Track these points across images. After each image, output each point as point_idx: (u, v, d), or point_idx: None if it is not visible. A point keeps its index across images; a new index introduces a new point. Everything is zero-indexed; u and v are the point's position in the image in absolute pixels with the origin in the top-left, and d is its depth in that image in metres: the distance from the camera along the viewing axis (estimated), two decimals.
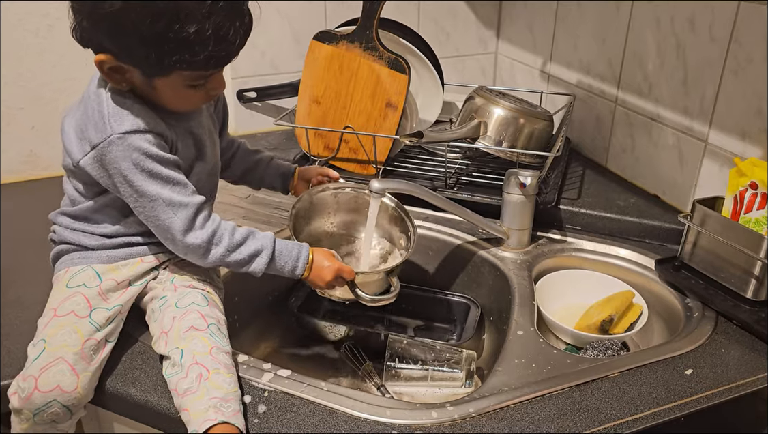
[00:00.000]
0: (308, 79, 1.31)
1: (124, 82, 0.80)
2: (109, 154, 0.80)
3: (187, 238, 0.83)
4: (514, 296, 1.04)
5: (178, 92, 0.81)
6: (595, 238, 1.18)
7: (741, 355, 0.89)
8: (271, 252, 0.87)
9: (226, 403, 0.74)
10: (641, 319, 1.03)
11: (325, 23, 1.51)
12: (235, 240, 0.85)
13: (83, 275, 0.87)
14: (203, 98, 0.85)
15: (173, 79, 0.79)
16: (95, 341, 0.81)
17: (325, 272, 0.90)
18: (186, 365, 0.77)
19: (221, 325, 0.85)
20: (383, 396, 0.98)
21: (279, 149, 1.44)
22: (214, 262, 0.85)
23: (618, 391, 0.83)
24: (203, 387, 0.75)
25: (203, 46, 0.75)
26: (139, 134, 0.80)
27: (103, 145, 0.80)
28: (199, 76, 0.80)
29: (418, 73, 1.36)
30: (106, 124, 0.80)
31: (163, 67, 0.77)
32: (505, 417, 0.79)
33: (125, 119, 0.80)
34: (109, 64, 0.78)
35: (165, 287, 0.89)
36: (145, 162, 0.80)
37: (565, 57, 1.48)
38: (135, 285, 0.89)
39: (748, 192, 0.97)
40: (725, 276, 0.99)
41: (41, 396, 0.75)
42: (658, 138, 1.24)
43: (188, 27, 0.73)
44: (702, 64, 1.11)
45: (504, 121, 1.23)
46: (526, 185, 1.09)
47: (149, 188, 0.81)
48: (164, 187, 0.82)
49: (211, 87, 0.83)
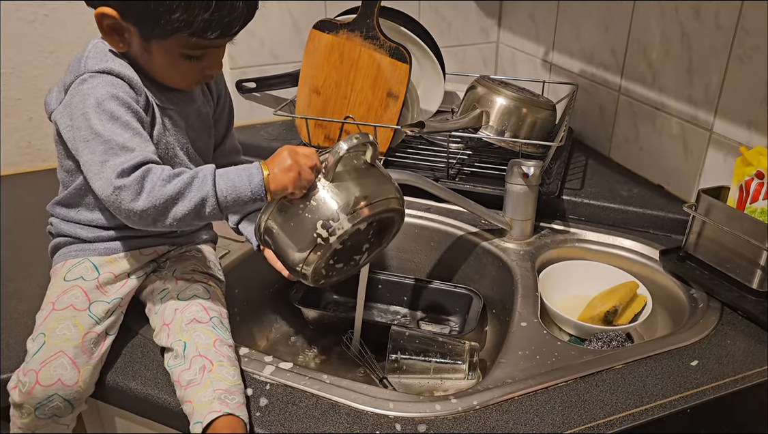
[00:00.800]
0: (308, 68, 1.30)
1: (122, 43, 0.79)
2: (77, 93, 0.77)
3: (120, 180, 0.72)
4: (517, 287, 1.03)
5: (173, 61, 0.79)
6: (598, 228, 1.17)
7: (747, 346, 0.89)
8: (212, 171, 0.75)
9: (230, 395, 0.74)
10: (645, 310, 1.02)
11: (325, 12, 1.49)
12: (171, 172, 0.74)
13: (81, 267, 0.86)
14: (197, 76, 0.82)
15: (170, 43, 0.77)
16: (95, 334, 0.81)
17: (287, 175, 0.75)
18: (189, 357, 0.77)
19: (223, 318, 0.84)
20: (385, 388, 0.97)
21: (279, 139, 1.43)
22: (150, 198, 0.72)
23: (623, 383, 0.82)
24: (207, 379, 0.74)
25: (204, 8, 0.73)
26: (112, 76, 0.78)
27: (74, 84, 0.78)
28: (196, 45, 0.77)
29: (419, 63, 1.34)
30: (81, 64, 0.78)
31: (161, 27, 0.75)
32: (510, 409, 0.78)
33: (102, 60, 0.78)
34: (110, 21, 0.76)
35: (166, 280, 0.88)
36: (109, 102, 0.76)
37: (567, 46, 1.46)
38: (134, 278, 0.88)
39: (754, 181, 0.96)
40: (730, 267, 0.98)
41: (42, 390, 0.75)
42: (663, 127, 1.22)
43: None
44: (707, 52, 1.10)
45: (506, 110, 1.21)
46: (528, 175, 1.08)
47: (103, 127, 0.74)
48: (124, 131, 0.75)
49: (207, 65, 0.81)
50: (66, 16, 1.30)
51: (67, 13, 1.30)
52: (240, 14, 0.76)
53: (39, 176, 1.36)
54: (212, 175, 0.75)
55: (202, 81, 0.85)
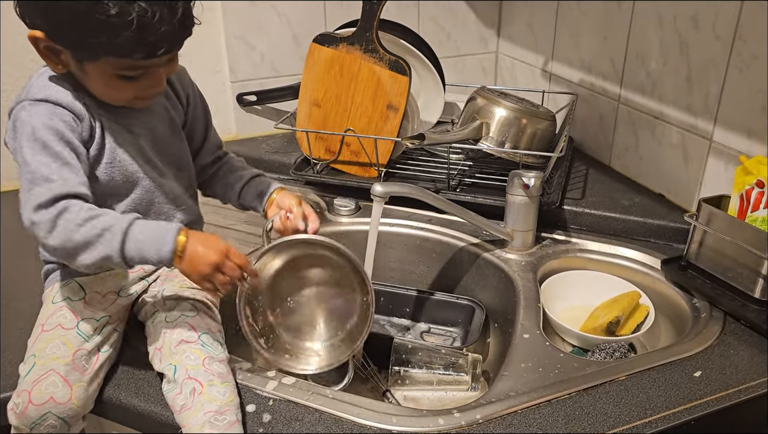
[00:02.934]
0: (309, 82, 1.30)
1: (60, 64, 0.79)
2: (17, 119, 0.78)
3: (36, 214, 0.74)
4: (519, 298, 1.03)
5: (107, 81, 0.78)
6: (599, 238, 1.17)
7: (750, 356, 0.88)
8: (128, 223, 0.75)
9: (220, 416, 0.74)
10: (648, 320, 1.02)
11: (325, 25, 1.50)
12: (88, 214, 0.74)
13: (67, 289, 0.86)
14: (135, 93, 0.81)
15: (102, 65, 0.77)
16: (86, 351, 0.81)
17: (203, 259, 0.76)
18: (180, 380, 0.77)
19: (213, 332, 0.84)
20: (389, 400, 0.97)
21: (280, 152, 1.43)
22: (60, 239, 0.73)
23: (626, 395, 0.82)
24: (198, 402, 0.75)
25: (125, 29, 0.72)
26: (50, 104, 0.78)
27: (15, 110, 0.79)
28: (127, 66, 0.77)
29: (418, 75, 1.35)
30: (24, 90, 0.79)
31: (89, 50, 0.75)
32: (513, 422, 0.78)
33: (43, 89, 0.79)
34: (44, 43, 0.77)
35: (155, 302, 0.88)
36: (42, 132, 0.76)
37: (566, 56, 1.46)
38: (123, 297, 0.89)
39: (755, 190, 0.96)
40: (732, 276, 0.98)
41: (35, 409, 0.75)
42: (662, 136, 1.23)
43: (110, 8, 0.71)
44: (706, 61, 1.10)
45: (506, 121, 1.22)
46: (529, 186, 1.08)
47: (34, 158, 0.75)
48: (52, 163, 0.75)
49: (146, 84, 0.80)
50: None
51: None
52: (165, 34, 0.75)
53: None
54: (122, 233, 0.75)
55: (144, 98, 0.83)
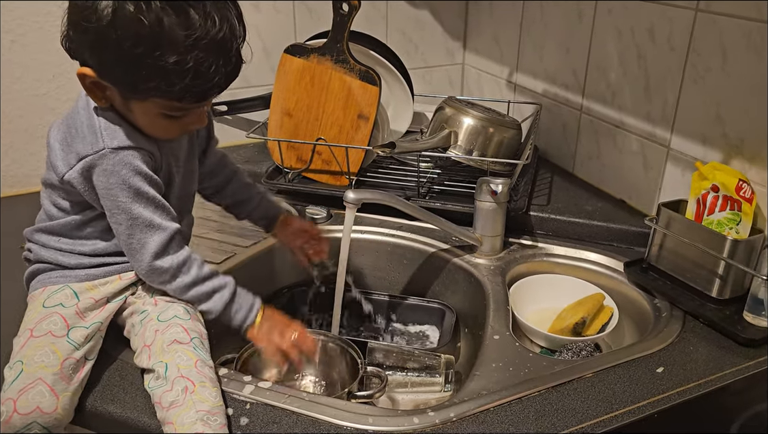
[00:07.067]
0: (280, 92, 1.32)
1: (104, 99, 0.80)
2: (98, 167, 0.79)
3: (158, 261, 0.83)
4: (489, 301, 1.05)
5: (153, 120, 0.81)
6: (565, 243, 1.21)
7: (709, 352, 0.93)
8: (233, 291, 0.87)
9: (212, 416, 0.74)
10: (612, 320, 1.06)
11: (295, 37, 1.52)
12: (203, 273, 0.86)
13: (60, 294, 0.86)
14: (179, 130, 0.85)
15: (149, 105, 0.78)
16: (74, 360, 0.81)
17: (278, 331, 0.88)
18: (171, 378, 0.77)
19: (203, 339, 0.85)
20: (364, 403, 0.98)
21: (251, 161, 1.44)
22: (176, 289, 0.85)
23: (593, 391, 0.85)
24: (189, 400, 0.75)
25: (180, 78, 0.74)
26: (132, 150, 0.80)
27: (93, 158, 0.79)
28: (174, 108, 0.79)
29: (388, 85, 1.38)
30: (98, 138, 0.80)
31: (139, 92, 0.76)
32: (486, 420, 0.80)
33: (117, 133, 0.80)
34: (91, 79, 0.77)
35: (145, 302, 0.88)
36: (134, 179, 0.80)
37: (530, 67, 1.51)
38: (113, 302, 0.89)
39: (710, 195, 1.01)
40: (691, 276, 1.02)
41: (21, 418, 0.74)
42: (623, 144, 1.27)
43: (168, 56, 0.72)
44: (663, 72, 1.16)
45: (474, 130, 1.25)
46: (497, 192, 1.11)
47: (132, 206, 0.81)
48: (147, 207, 0.82)
49: (189, 121, 0.83)
50: (34, 42, 1.31)
51: (35, 39, 1.30)
52: (218, 82, 0.77)
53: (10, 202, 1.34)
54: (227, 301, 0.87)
55: (186, 132, 0.87)
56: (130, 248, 0.84)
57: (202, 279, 0.85)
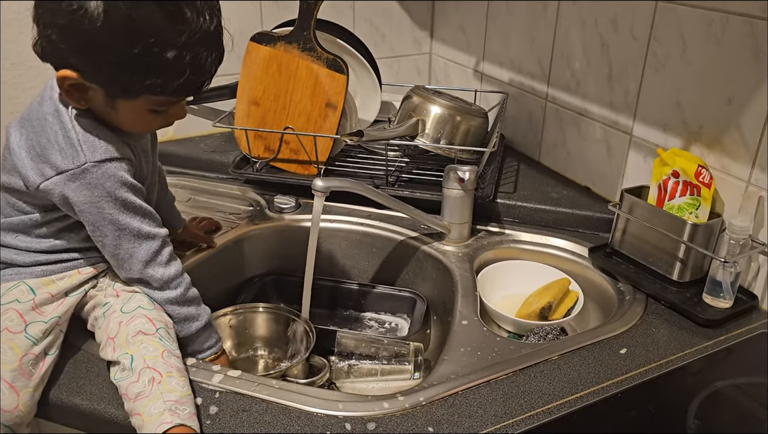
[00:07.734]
0: (246, 80, 1.31)
1: (83, 100, 0.78)
2: (79, 181, 0.78)
3: (148, 269, 0.84)
4: (457, 288, 1.07)
5: (139, 116, 0.80)
6: (531, 229, 1.23)
7: (670, 333, 0.95)
8: (206, 321, 0.89)
9: (181, 406, 0.74)
10: (578, 305, 1.08)
11: (261, 25, 1.51)
12: (189, 296, 0.87)
13: (15, 291, 0.84)
14: (162, 123, 0.84)
15: (138, 102, 0.78)
16: (33, 355, 0.79)
17: None
18: (137, 369, 0.76)
19: (169, 328, 0.84)
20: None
21: (218, 151, 1.43)
22: (160, 299, 0.86)
23: (559, 373, 0.87)
24: (157, 390, 0.74)
25: (179, 73, 0.74)
26: (115, 161, 0.79)
27: (74, 172, 0.78)
28: (165, 102, 0.79)
29: (356, 74, 1.37)
30: (78, 151, 0.78)
31: (132, 91, 0.75)
32: (454, 403, 0.82)
33: (97, 145, 0.79)
34: (72, 82, 0.75)
35: (107, 294, 0.87)
36: (119, 191, 0.80)
37: (497, 56, 1.52)
38: (72, 295, 0.87)
39: (671, 180, 1.04)
40: (653, 260, 1.05)
41: None
42: (587, 132, 1.30)
43: (167, 52, 0.71)
44: (625, 61, 1.18)
45: (441, 119, 1.26)
46: (464, 180, 1.12)
47: (119, 217, 0.81)
48: (134, 217, 0.82)
49: (172, 113, 0.82)
50: None
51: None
52: (211, 75, 0.78)
53: None
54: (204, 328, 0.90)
55: (166, 126, 0.86)
56: (118, 259, 0.83)
57: (187, 302, 0.87)
